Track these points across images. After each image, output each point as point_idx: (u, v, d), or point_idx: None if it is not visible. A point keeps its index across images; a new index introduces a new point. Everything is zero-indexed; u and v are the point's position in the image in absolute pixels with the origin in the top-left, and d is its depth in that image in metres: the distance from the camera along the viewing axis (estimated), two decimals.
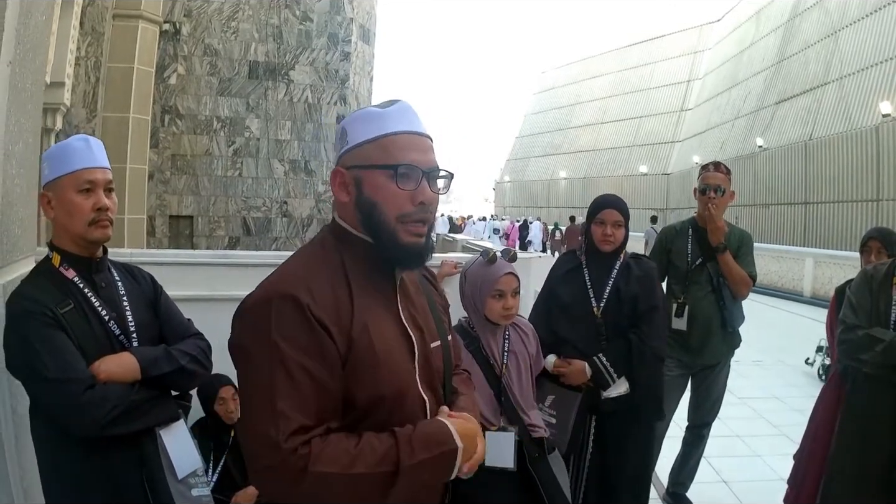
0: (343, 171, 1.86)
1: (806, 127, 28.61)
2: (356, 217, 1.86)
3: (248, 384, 1.73)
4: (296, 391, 1.64)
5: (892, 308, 3.57)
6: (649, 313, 3.96)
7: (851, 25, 27.47)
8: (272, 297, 1.71)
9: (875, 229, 4.65)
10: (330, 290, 1.77)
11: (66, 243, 2.56)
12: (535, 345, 3.61)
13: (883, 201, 23.17)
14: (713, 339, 4.90)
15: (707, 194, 4.95)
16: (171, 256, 4.68)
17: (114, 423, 2.37)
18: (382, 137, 1.83)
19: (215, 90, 14.39)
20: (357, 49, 15.65)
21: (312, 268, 1.81)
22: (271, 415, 1.62)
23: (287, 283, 1.74)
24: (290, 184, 15.00)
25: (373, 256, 1.87)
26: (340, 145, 1.89)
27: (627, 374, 3.88)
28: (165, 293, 2.89)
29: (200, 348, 2.77)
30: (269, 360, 1.66)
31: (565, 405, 3.82)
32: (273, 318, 1.68)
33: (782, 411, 8.12)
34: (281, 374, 1.64)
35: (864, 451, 3.58)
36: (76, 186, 2.52)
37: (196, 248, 13.85)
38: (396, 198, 1.82)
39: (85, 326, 2.47)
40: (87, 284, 2.55)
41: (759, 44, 36.77)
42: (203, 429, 4.14)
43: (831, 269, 19.65)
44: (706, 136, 40.44)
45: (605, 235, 3.96)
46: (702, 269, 4.94)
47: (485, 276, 3.37)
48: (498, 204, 70.35)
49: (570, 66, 63.79)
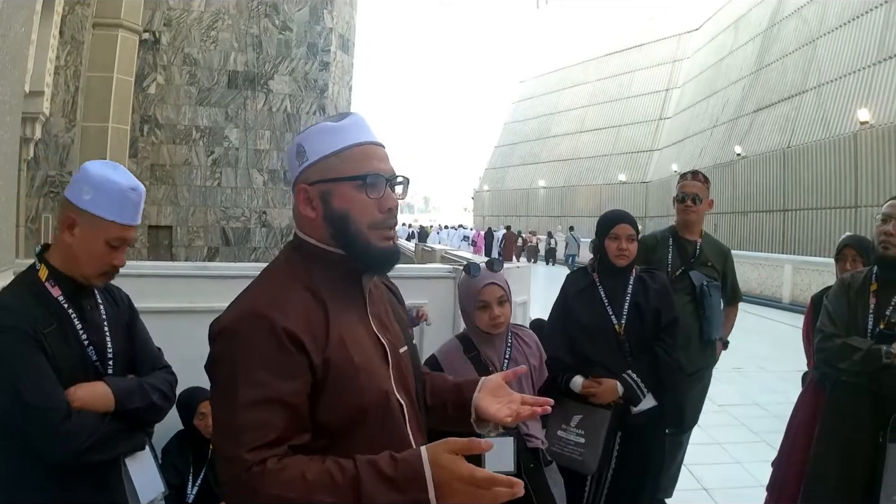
0: (307, 187, 1.87)
1: (784, 135, 28.80)
2: (325, 231, 1.86)
3: (216, 401, 1.74)
4: (260, 410, 1.64)
5: (870, 316, 3.61)
6: (671, 326, 4.06)
7: (829, 34, 27.72)
8: (243, 318, 1.73)
9: (850, 237, 4.68)
10: (303, 308, 1.77)
11: (65, 266, 2.49)
12: (537, 356, 3.63)
13: (861, 208, 23.34)
14: (690, 348, 4.90)
15: (685, 203, 4.98)
16: (149, 268, 4.65)
17: (87, 453, 2.35)
18: (346, 149, 1.85)
19: (194, 100, 14.34)
20: (336, 59, 15.64)
21: (283, 286, 1.82)
22: (234, 431, 1.63)
23: (259, 303, 1.75)
24: (269, 194, 14.95)
25: (341, 268, 1.89)
26: (298, 162, 1.89)
27: (654, 387, 3.93)
28: (140, 319, 2.84)
29: (169, 383, 2.75)
30: (236, 377, 1.67)
31: (595, 423, 3.85)
32: (243, 337, 1.70)
33: (762, 418, 8.17)
34: (245, 392, 1.65)
35: (843, 457, 3.60)
36: (108, 237, 2.47)
37: (175, 258, 13.79)
38: (366, 207, 1.84)
39: (64, 350, 2.41)
40: (72, 306, 2.49)
41: (738, 52, 36.99)
42: (182, 442, 4.12)
43: (810, 275, 19.78)
44: (685, 144, 40.62)
45: (621, 250, 4.01)
46: (683, 277, 4.96)
47: (469, 288, 3.42)
48: (477, 213, 70.29)
49: (550, 75, 63.88)
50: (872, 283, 3.66)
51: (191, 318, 4.34)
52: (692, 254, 5.05)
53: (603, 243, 4.09)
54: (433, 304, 3.56)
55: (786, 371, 10.28)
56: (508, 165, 64.00)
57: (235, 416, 1.64)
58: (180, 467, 3.99)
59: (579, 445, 3.80)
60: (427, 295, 4.68)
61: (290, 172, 1.94)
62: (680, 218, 5.12)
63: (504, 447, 3.25)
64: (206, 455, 4.14)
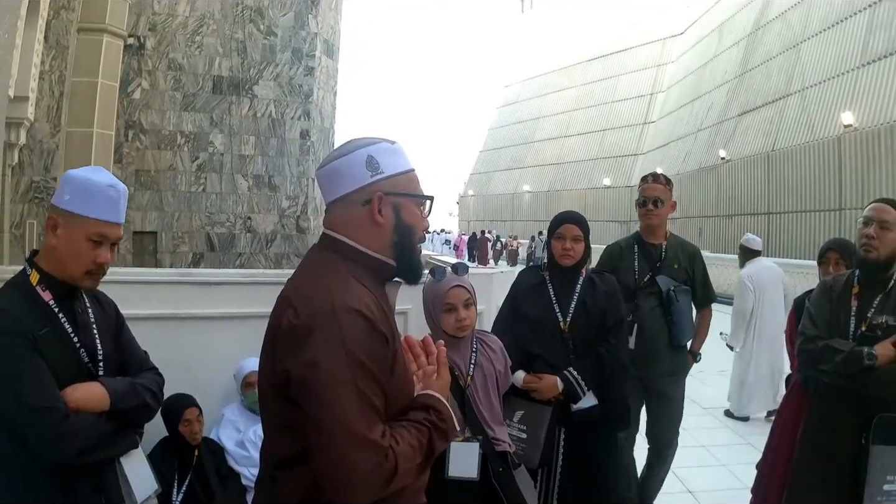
0: (383, 196, 2.02)
1: (768, 138, 28.91)
2: (389, 239, 2.06)
3: (328, 397, 1.79)
4: (374, 397, 1.83)
5: (852, 319, 3.63)
6: (617, 327, 4.08)
7: (813, 38, 27.81)
8: (335, 313, 1.83)
9: (833, 241, 4.71)
10: (375, 304, 1.93)
11: (53, 268, 2.54)
12: (503, 362, 3.65)
13: (845, 210, 23.42)
14: (659, 353, 4.91)
15: (647, 206, 4.97)
16: (134, 275, 4.65)
17: (87, 453, 2.40)
18: (409, 172, 2.10)
19: (179, 105, 14.28)
20: (321, 64, 15.61)
21: (347, 283, 1.94)
22: (365, 420, 1.77)
23: (344, 297, 1.87)
24: (253, 199, 14.90)
25: (376, 274, 2.05)
26: (371, 172, 2.02)
27: (596, 385, 3.94)
28: (126, 324, 2.89)
29: (158, 384, 2.81)
30: (352, 367, 1.80)
31: (536, 419, 3.87)
32: (346, 330, 1.82)
33: (748, 420, 8.19)
34: (363, 383, 1.80)
35: (827, 459, 3.63)
36: (89, 235, 2.51)
37: (160, 264, 13.73)
38: (420, 224, 2.11)
39: (58, 352, 2.46)
40: (62, 310, 2.53)
41: (722, 56, 37.10)
42: (167, 448, 4.12)
43: (795, 278, 19.81)
44: (669, 148, 40.71)
45: (565, 250, 4.07)
46: (650, 284, 4.95)
47: (435, 291, 3.44)
48: (462, 218, 70.23)
49: (534, 79, 63.92)
50: (854, 286, 3.69)
51: (175, 324, 4.35)
52: (658, 257, 5.03)
53: (550, 243, 4.18)
54: (418, 309, 3.57)
55: None
56: (493, 170, 64.05)
57: (361, 407, 1.79)
58: (165, 474, 3.99)
59: (522, 441, 3.84)
60: (411, 300, 4.69)
61: (348, 179, 2.04)
62: (642, 223, 5.11)
63: (469, 453, 3.28)
64: (190, 462, 4.14)
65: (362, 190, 2.02)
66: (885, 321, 3.54)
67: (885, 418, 3.41)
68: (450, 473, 3.25)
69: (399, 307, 4.73)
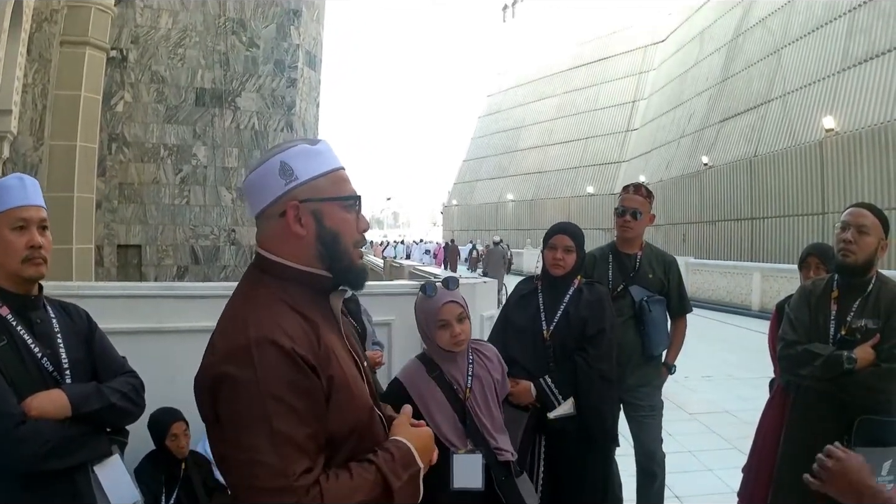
0: (298, 205, 1.86)
1: (751, 144, 29.09)
2: (313, 250, 1.89)
3: (239, 436, 1.68)
4: (298, 436, 1.67)
5: (831, 323, 3.66)
6: (597, 336, 4.05)
7: (793, 43, 28.05)
8: (252, 347, 1.69)
9: (813, 245, 4.73)
10: (300, 330, 1.78)
11: (1, 280, 2.57)
12: (500, 370, 3.65)
13: (828, 214, 23.56)
14: (632, 363, 4.86)
15: (624, 217, 4.97)
16: (117, 289, 4.64)
17: (46, 458, 2.40)
18: (331, 172, 1.92)
19: (162, 117, 14.27)
20: (303, 75, 15.64)
21: (272, 310, 1.80)
22: (276, 463, 1.63)
23: (261, 329, 1.73)
24: (237, 211, 14.89)
25: (313, 288, 1.92)
26: (284, 180, 1.87)
27: (574, 395, 3.95)
28: (101, 330, 2.89)
29: (132, 385, 2.79)
30: (264, 408, 1.66)
31: (513, 424, 3.87)
32: (261, 366, 1.68)
33: (733, 425, 8.22)
34: (279, 422, 1.65)
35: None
36: (10, 224, 2.54)
37: (145, 277, 13.71)
38: (351, 227, 1.93)
39: (17, 363, 2.48)
40: (20, 321, 2.56)
41: (703, 63, 37.31)
42: (154, 462, 4.11)
43: (779, 282, 19.94)
44: (652, 155, 40.90)
45: (556, 260, 4.09)
46: (624, 294, 4.94)
47: (428, 309, 3.41)
48: (446, 227, 70.30)
49: (517, 88, 64.12)
50: (833, 291, 3.72)
51: (158, 338, 4.34)
52: (632, 268, 5.02)
53: (543, 253, 4.22)
54: (401, 320, 3.57)
55: (755, 378, 10.35)
56: (477, 179, 64.21)
57: (274, 448, 1.64)
58: (152, 488, 3.99)
59: None
60: (394, 311, 4.70)
61: (264, 192, 1.91)
62: (618, 233, 5.11)
63: (472, 464, 3.28)
64: (177, 476, 4.14)
65: (277, 201, 1.88)
66: (864, 325, 3.57)
67: (867, 420, 3.44)
68: (454, 485, 3.26)
69: (382, 318, 4.77)
